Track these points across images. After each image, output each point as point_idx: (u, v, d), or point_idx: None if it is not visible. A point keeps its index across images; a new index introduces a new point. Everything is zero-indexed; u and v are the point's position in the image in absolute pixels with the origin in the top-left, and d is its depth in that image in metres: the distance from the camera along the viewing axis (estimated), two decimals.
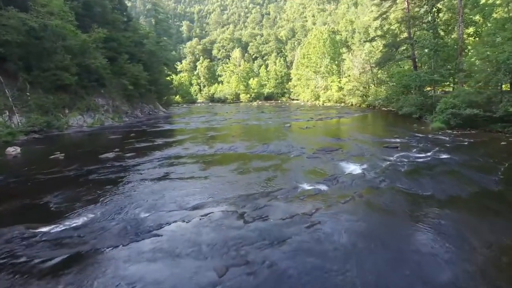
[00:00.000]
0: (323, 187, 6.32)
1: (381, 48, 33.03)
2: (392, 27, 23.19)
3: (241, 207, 5.31)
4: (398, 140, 12.28)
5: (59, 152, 10.41)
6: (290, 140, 12.70)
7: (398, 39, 22.45)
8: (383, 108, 30.64)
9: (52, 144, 12.89)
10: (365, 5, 73.18)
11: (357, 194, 5.81)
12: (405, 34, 23.17)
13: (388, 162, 8.52)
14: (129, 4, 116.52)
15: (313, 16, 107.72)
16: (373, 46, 33.41)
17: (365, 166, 8.10)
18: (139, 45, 31.13)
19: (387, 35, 22.52)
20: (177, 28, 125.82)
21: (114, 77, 26.38)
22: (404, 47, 21.88)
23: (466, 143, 11.08)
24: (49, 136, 14.75)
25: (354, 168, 7.84)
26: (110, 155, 10.09)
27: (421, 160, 8.71)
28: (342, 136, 13.52)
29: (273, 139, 12.98)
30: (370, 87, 34.44)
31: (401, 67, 28.33)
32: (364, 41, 27.80)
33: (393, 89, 27.92)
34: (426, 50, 19.00)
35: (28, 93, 16.02)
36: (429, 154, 9.47)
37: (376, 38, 22.96)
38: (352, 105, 39.36)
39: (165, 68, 37.99)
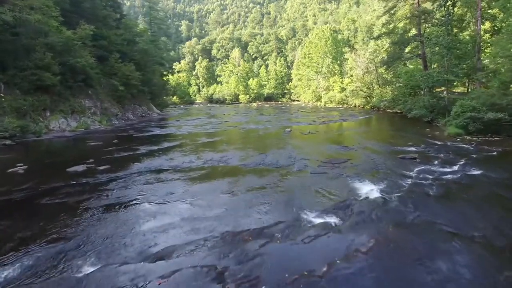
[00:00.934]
0: (334, 221, 4.82)
1: (386, 46, 31.57)
2: (400, 24, 21.65)
3: (222, 257, 3.81)
4: (413, 148, 10.81)
5: (21, 164, 8.92)
6: (291, 148, 11.20)
7: (406, 37, 20.92)
8: (388, 110, 29.16)
9: (20, 153, 11.41)
10: (367, 4, 71.78)
11: (381, 235, 4.30)
12: (413, 31, 21.68)
13: (410, 180, 7.02)
14: (127, 3, 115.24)
15: (314, 15, 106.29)
16: (377, 45, 31.93)
17: (382, 185, 6.60)
18: (132, 44, 29.65)
19: (395, 32, 20.94)
20: (176, 28, 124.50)
21: (104, 77, 24.93)
22: (414, 45, 20.36)
23: (494, 153, 9.56)
24: (22, 143, 13.25)
25: (369, 190, 6.34)
26: (80, 168, 8.59)
27: (448, 177, 7.19)
28: (349, 143, 12.01)
29: (271, 147, 11.47)
30: (375, 88, 32.93)
31: (407, 66, 26.84)
32: (370, 39, 26.21)
33: (399, 90, 26.44)
34: (437, 48, 17.48)
35: (2, 95, 14.53)
36: (455, 168, 7.97)
37: (382, 35, 21.43)
38: (355, 106, 37.88)
39: (160, 67, 36.45)
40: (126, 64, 26.63)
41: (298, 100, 64.08)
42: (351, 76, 42.18)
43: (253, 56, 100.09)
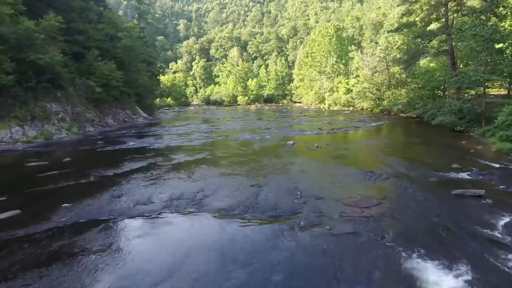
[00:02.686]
0: None
1: (399, 43, 28.37)
2: (421, 15, 18.37)
3: None
4: (464, 175, 7.76)
5: None
6: (296, 175, 8.03)
7: (428, 29, 17.70)
8: (401, 115, 25.99)
9: None
10: (371, 2, 68.68)
11: None
12: (436, 25, 18.47)
13: (504, 254, 3.90)
14: (124, 2, 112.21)
15: (316, 14, 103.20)
16: (389, 42, 28.70)
17: (460, 269, 3.48)
18: (116, 40, 26.50)
19: (416, 23, 17.65)
20: (174, 27, 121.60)
21: (80, 77, 21.78)
22: (440, 39, 17.16)
23: None
24: None
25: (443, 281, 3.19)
26: None
27: None
28: (373, 166, 8.83)
29: (268, 172, 8.29)
30: (385, 90, 29.69)
31: (425, 65, 23.63)
32: (388, 32, 22.96)
33: (416, 92, 23.24)
34: (472, 42, 14.25)
35: None
36: None
37: (402, 28, 18.18)
38: (362, 109, 34.67)
39: (149, 66, 33.23)
40: (106, 62, 23.48)
41: (299, 102, 60.85)
42: (357, 76, 39.01)
43: (252, 56, 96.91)
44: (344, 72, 42.70)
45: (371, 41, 38.37)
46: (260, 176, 7.91)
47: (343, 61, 43.57)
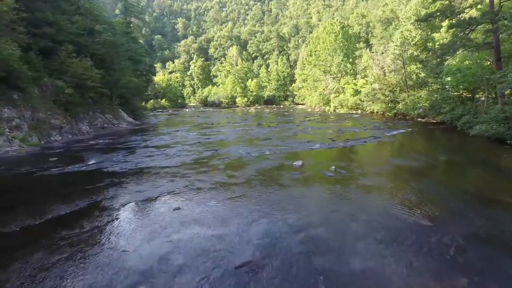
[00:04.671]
0: None
1: (417, 38, 25.10)
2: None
3: None
4: None
5: None
6: (314, 240, 4.69)
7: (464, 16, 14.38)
8: (418, 119, 22.70)
9: None
10: None
11: None
12: (474, 11, 15.15)
13: None
14: None
15: (318, 12, 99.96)
16: (405, 37, 25.42)
17: None
18: (95, 34, 23.27)
19: (453, 9, 14.21)
20: (173, 26, 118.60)
21: (49, 77, 18.58)
22: (483, 28, 13.85)
23: None
24: None
25: None
26: None
27: None
28: (429, 211, 5.55)
29: (267, 233, 4.98)
30: (402, 91, 26.39)
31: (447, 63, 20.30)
32: (416, 21, 19.55)
33: (443, 94, 19.92)
34: None
35: None
36: None
37: (436, 14, 14.78)
38: (372, 113, 31.35)
39: (136, 65, 29.93)
40: (82, 59, 20.27)
41: (302, 104, 57.52)
42: (366, 76, 35.75)
43: (252, 56, 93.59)
44: (351, 71, 39.42)
45: (381, 38, 35.07)
46: (253, 242, 4.62)
47: (350, 59, 40.30)
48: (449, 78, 17.79)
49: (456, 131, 16.42)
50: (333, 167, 9.15)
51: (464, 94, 19.04)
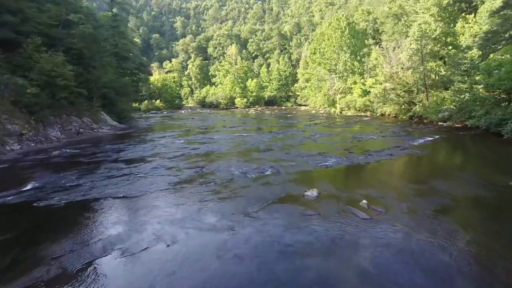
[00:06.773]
0: None
1: (437, 32, 22.18)
2: None
3: None
4: None
5: None
6: None
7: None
8: (439, 123, 19.83)
9: None
10: None
11: None
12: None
13: None
14: None
15: (321, 10, 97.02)
16: (424, 30, 22.47)
17: None
18: (73, 25, 20.42)
19: None
20: (171, 25, 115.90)
21: (11, 74, 15.75)
22: None
23: None
24: None
25: None
26: None
27: None
28: None
29: None
30: (419, 91, 23.45)
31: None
32: (449, 5, 16.56)
33: (474, 94, 16.98)
34: None
35: None
36: None
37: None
38: (383, 115, 28.45)
39: (122, 62, 27.04)
40: (52, 54, 17.44)
41: (305, 105, 54.56)
42: (376, 75, 32.81)
43: (253, 55, 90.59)
44: (359, 70, 36.50)
45: (393, 33, 32.14)
46: None
47: (358, 57, 37.38)
48: (478, 76, 14.85)
49: (494, 139, 13.54)
50: (364, 200, 6.25)
51: (504, 95, 16.13)
